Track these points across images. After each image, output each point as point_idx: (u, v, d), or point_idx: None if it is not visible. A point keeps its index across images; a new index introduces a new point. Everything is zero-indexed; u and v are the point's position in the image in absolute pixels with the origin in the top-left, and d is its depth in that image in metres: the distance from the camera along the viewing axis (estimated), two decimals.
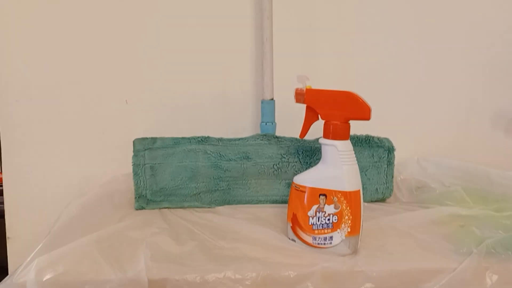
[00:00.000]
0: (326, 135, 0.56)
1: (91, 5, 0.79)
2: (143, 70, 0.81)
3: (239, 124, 0.82)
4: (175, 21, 0.80)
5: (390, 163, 0.73)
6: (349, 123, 0.55)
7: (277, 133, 0.75)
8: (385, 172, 0.73)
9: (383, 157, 0.73)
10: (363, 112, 0.54)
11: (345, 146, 0.55)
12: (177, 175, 0.70)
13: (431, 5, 0.85)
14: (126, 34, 0.80)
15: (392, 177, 0.74)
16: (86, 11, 0.79)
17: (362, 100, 0.54)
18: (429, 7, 0.85)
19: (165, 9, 0.80)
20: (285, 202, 0.59)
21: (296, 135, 0.60)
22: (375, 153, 0.73)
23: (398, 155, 0.73)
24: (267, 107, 0.76)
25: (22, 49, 0.79)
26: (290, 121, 0.72)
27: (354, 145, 0.70)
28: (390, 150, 0.73)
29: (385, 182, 0.73)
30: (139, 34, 0.80)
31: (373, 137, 0.73)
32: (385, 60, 0.86)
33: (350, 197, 0.54)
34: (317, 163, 0.58)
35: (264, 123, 0.76)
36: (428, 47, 0.86)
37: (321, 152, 0.57)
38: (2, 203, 0.83)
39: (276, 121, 0.77)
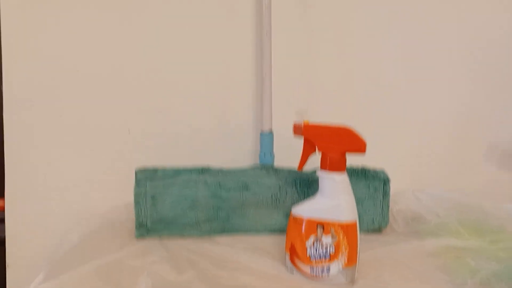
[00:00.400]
0: (323, 167, 0.58)
1: (90, 39, 0.82)
2: (146, 101, 0.83)
3: (239, 154, 0.84)
4: (177, 52, 0.83)
5: (385, 194, 0.75)
6: (345, 156, 0.57)
7: (275, 164, 0.77)
8: (381, 203, 0.74)
9: (379, 188, 0.74)
10: (359, 146, 0.56)
11: (341, 178, 0.57)
12: (177, 204, 0.71)
13: (424, 40, 0.89)
14: (128, 66, 0.83)
15: (388, 208, 0.75)
16: (88, 43, 0.82)
17: (358, 135, 0.56)
18: (422, 42, 0.89)
19: (167, 40, 0.83)
20: (283, 231, 0.61)
21: (294, 165, 0.62)
22: (371, 185, 0.74)
23: (393, 186, 0.75)
24: (266, 138, 0.78)
25: (21, 86, 0.81)
26: (287, 152, 0.74)
27: (350, 176, 0.72)
28: (385, 181, 0.75)
29: (381, 213, 0.75)
30: (142, 66, 0.83)
31: (369, 169, 0.75)
32: (381, 94, 0.89)
33: (347, 228, 0.56)
34: (315, 193, 0.59)
35: (263, 154, 0.78)
36: (421, 80, 0.89)
37: (318, 184, 0.59)
38: (3, 230, 0.84)
39: (274, 152, 0.79)
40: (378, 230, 0.75)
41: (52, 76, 0.81)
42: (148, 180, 0.71)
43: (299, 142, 0.60)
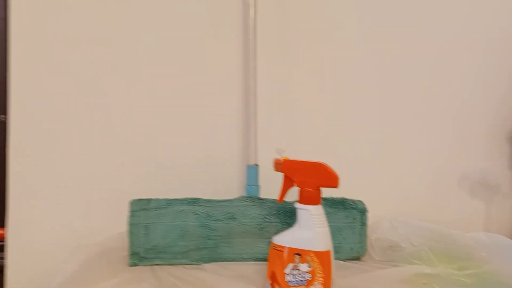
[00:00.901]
0: (301, 200, 0.63)
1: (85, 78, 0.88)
2: (139, 137, 0.89)
3: (227, 186, 0.90)
4: (169, 92, 0.90)
5: (363, 223, 0.80)
6: (320, 190, 0.63)
7: (261, 195, 0.83)
8: (359, 232, 0.80)
9: (357, 218, 0.80)
10: (332, 180, 0.62)
11: (317, 210, 0.62)
12: (168, 234, 0.76)
13: (407, 75, 0.96)
14: (123, 104, 0.89)
15: (366, 236, 0.80)
16: (83, 84, 0.88)
17: (331, 170, 0.62)
18: (405, 78, 0.96)
19: (159, 79, 0.89)
20: (267, 259, 0.66)
21: (278, 197, 0.67)
22: (350, 214, 0.80)
23: (372, 215, 0.80)
24: (252, 171, 0.84)
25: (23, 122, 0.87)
26: (272, 184, 0.80)
27: (330, 206, 0.79)
28: (363, 211, 0.80)
29: (359, 241, 0.80)
30: (136, 103, 0.89)
31: (347, 200, 0.81)
32: (361, 129, 0.95)
33: (322, 257, 0.61)
34: (295, 223, 0.64)
35: (249, 186, 0.84)
36: (399, 117, 0.96)
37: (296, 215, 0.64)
38: (2, 258, 0.89)
39: (259, 184, 0.85)
40: (357, 258, 0.80)
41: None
42: (142, 211, 0.76)
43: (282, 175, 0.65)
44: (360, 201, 0.81)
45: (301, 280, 0.61)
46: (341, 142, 0.94)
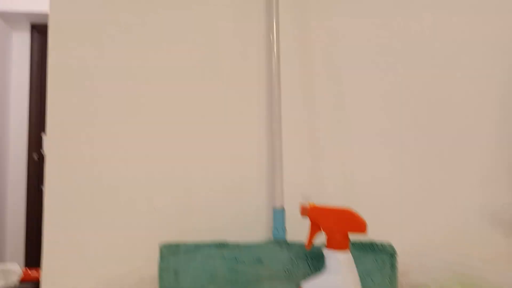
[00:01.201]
0: (328, 245, 0.64)
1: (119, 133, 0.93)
2: (169, 182, 0.92)
3: (254, 229, 0.91)
4: (195, 139, 0.93)
5: (393, 267, 0.79)
6: (348, 236, 0.63)
7: (288, 239, 0.83)
8: (389, 275, 0.79)
9: (386, 261, 0.79)
10: (360, 227, 0.62)
11: (345, 255, 0.63)
12: (197, 278, 0.77)
13: (428, 115, 0.97)
14: (154, 150, 0.93)
15: (396, 280, 0.79)
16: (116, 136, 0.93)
17: (358, 216, 0.63)
18: (426, 117, 0.96)
19: (186, 126, 0.93)
20: None
21: (305, 240, 0.68)
22: (379, 258, 0.79)
23: (401, 257, 0.79)
24: (278, 214, 0.85)
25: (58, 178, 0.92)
26: (299, 227, 0.81)
27: (358, 250, 0.78)
28: (392, 254, 0.79)
29: (389, 284, 0.79)
30: (165, 150, 0.93)
31: (376, 243, 0.80)
32: (384, 174, 0.95)
33: None
34: (324, 267, 0.65)
35: (276, 230, 0.84)
36: (422, 159, 0.96)
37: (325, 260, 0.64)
38: None
39: (286, 227, 0.86)
40: None
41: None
42: (172, 255, 0.78)
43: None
44: (389, 243, 0.81)
45: None
46: (367, 184, 0.94)
